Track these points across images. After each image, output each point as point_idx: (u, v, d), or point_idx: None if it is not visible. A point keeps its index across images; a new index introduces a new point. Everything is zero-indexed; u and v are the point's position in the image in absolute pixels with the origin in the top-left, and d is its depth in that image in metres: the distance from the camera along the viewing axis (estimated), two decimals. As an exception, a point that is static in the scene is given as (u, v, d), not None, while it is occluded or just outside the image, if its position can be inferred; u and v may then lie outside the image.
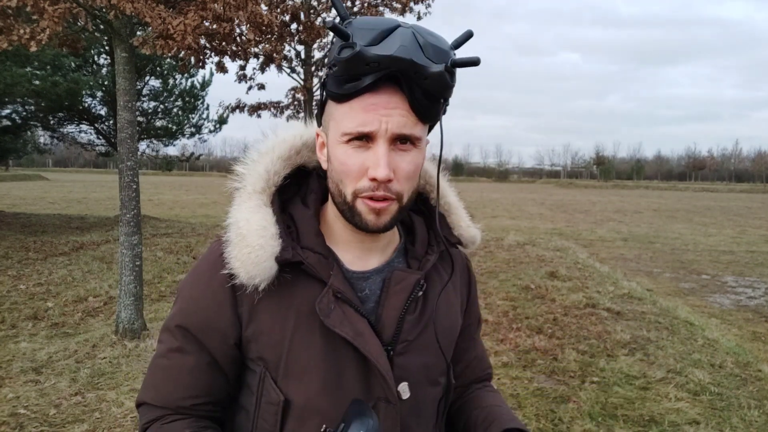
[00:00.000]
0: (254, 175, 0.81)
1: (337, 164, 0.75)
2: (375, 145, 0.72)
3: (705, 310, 6.47)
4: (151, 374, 0.84)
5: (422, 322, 0.83)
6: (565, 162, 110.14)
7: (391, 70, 0.69)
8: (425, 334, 0.83)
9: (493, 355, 4.26)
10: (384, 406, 0.79)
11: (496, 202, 27.07)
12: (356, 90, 0.70)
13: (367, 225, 0.76)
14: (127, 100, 4.32)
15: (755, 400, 3.53)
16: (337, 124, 0.75)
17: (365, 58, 0.67)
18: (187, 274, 0.85)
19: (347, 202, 0.76)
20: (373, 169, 0.72)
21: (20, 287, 6.14)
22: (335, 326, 0.75)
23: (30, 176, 45.53)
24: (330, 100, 0.76)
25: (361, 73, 0.69)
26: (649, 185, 65.09)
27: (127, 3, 3.64)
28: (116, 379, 3.66)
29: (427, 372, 0.85)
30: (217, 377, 0.81)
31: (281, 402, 0.77)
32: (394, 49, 0.68)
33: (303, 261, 0.77)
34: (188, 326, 0.80)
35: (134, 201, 4.41)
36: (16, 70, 8.97)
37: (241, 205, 0.80)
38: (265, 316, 0.78)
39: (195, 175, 76.36)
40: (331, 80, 0.72)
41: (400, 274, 0.82)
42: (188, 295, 0.82)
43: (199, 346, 0.80)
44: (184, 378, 0.81)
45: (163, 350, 0.83)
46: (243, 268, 0.75)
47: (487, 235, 12.15)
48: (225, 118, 14.68)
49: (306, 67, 9.50)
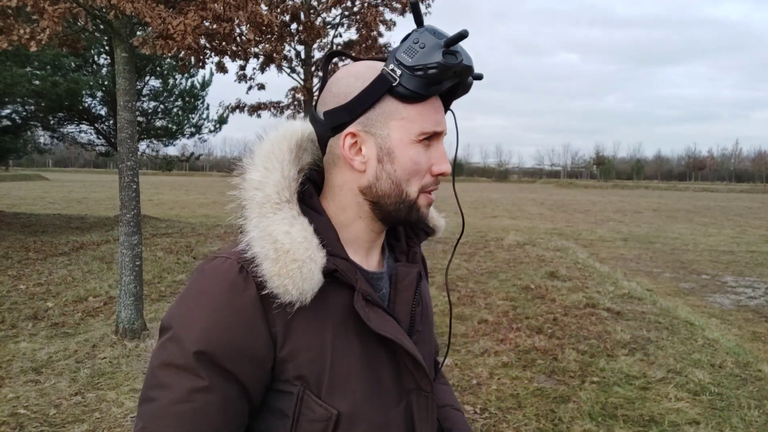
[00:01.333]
0: (274, 182, 0.76)
1: (409, 164, 0.77)
2: (437, 143, 0.79)
3: (705, 310, 6.47)
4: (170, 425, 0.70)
5: (424, 312, 0.88)
6: (565, 162, 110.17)
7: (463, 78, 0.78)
8: (426, 323, 0.89)
9: (493, 355, 4.26)
10: (416, 396, 0.81)
11: (496, 202, 27.07)
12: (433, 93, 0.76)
13: (422, 216, 0.82)
14: (127, 100, 4.32)
15: (755, 400, 3.53)
16: (409, 124, 0.76)
17: (459, 66, 0.74)
18: (187, 303, 0.74)
19: (411, 199, 0.79)
20: (442, 165, 0.79)
21: (20, 287, 6.14)
22: (380, 328, 0.75)
23: (30, 176, 45.53)
24: (395, 100, 0.75)
25: (446, 78, 0.75)
26: (649, 185, 65.06)
27: (127, 3, 3.64)
28: (116, 379, 3.66)
29: (430, 359, 0.90)
30: (245, 409, 0.74)
31: (333, 416, 0.73)
32: (468, 59, 0.76)
33: (337, 269, 0.75)
34: (215, 358, 0.70)
35: (134, 201, 4.41)
36: (16, 70, 8.98)
37: (270, 216, 0.74)
38: (300, 332, 0.74)
39: (195, 175, 76.31)
40: (415, 81, 0.74)
41: (404, 269, 0.85)
42: (208, 323, 0.71)
43: (227, 377, 0.71)
44: (213, 417, 0.70)
45: (181, 394, 0.69)
46: (292, 285, 0.70)
47: (487, 235, 12.15)
48: (225, 118, 14.70)
49: (306, 67, 9.51)
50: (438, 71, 0.73)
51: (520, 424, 3.17)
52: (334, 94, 0.78)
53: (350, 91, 0.76)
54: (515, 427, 3.14)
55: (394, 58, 0.74)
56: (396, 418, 0.79)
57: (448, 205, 1.08)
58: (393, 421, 0.79)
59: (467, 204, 24.86)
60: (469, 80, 0.80)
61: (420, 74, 0.73)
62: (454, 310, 5.57)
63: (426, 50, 0.73)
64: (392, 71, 0.74)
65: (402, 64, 0.73)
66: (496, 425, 3.16)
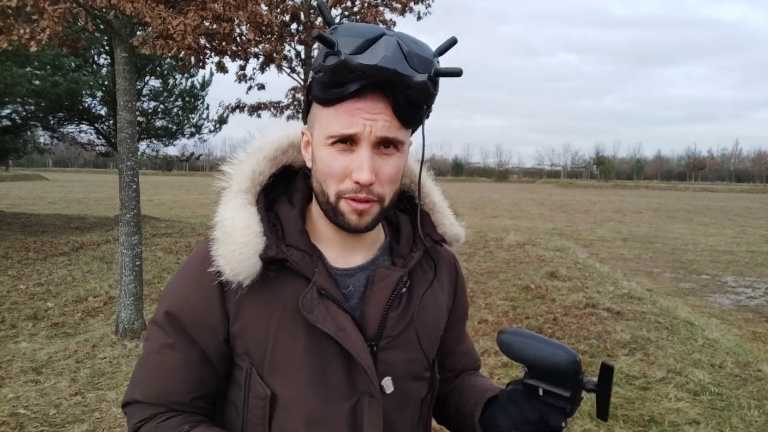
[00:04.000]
0: (240, 174, 0.83)
1: (321, 165, 0.77)
2: (359, 148, 0.74)
3: (705, 310, 6.47)
4: (142, 371, 0.85)
5: (406, 318, 0.85)
6: (565, 162, 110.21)
7: (375, 79, 0.70)
8: (409, 329, 0.85)
9: (493, 355, 4.26)
10: (367, 400, 0.81)
11: (496, 202, 27.07)
12: (341, 96, 0.72)
13: (349, 225, 0.78)
14: (127, 100, 4.32)
15: (755, 400, 3.53)
16: (321, 127, 0.76)
17: (350, 66, 0.69)
18: (177, 271, 0.87)
19: (330, 202, 0.78)
20: (357, 173, 0.74)
21: (20, 287, 6.14)
22: (318, 321, 0.77)
23: (30, 176, 45.53)
24: (315, 103, 0.78)
25: (346, 81, 0.70)
26: (649, 185, 65.07)
27: (127, 3, 3.64)
28: (116, 379, 3.66)
29: (410, 367, 0.87)
30: (207, 372, 0.83)
31: (268, 396, 0.79)
32: (378, 58, 0.69)
33: (287, 258, 0.79)
34: (180, 321, 0.81)
35: (134, 201, 4.41)
36: (16, 70, 8.97)
37: (227, 203, 0.82)
38: (250, 312, 0.80)
39: (195, 175, 76.32)
40: (317, 84, 0.74)
41: (383, 271, 0.85)
42: (179, 291, 0.83)
43: (190, 341, 0.81)
44: (177, 373, 0.82)
45: (155, 346, 0.83)
46: (228, 265, 0.76)
47: (487, 235, 12.15)
48: (225, 118, 14.67)
49: (306, 67, 9.51)
50: (324, 74, 0.71)
51: (520, 424, 3.17)
52: None
53: None
54: (515, 427, 3.14)
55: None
56: (341, 415, 0.80)
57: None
58: (337, 417, 0.80)
59: (467, 204, 24.86)
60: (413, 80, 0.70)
61: (319, 77, 0.72)
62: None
63: (319, 53, 0.73)
64: (314, 75, 0.75)
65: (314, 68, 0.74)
66: (496, 425, 3.15)
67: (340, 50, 0.69)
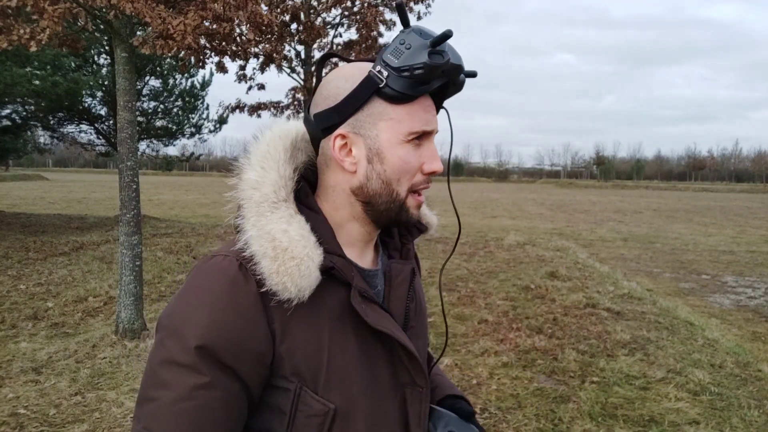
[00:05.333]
0: (271, 182, 0.77)
1: (399, 163, 0.78)
2: (428, 142, 0.80)
3: (705, 310, 6.47)
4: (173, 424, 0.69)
5: (419, 308, 0.90)
6: (565, 162, 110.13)
7: (452, 77, 0.77)
8: (420, 318, 0.90)
9: (493, 355, 4.26)
10: (410, 390, 0.83)
11: (496, 202, 27.07)
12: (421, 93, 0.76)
13: (411, 218, 0.82)
14: (127, 100, 4.32)
15: (755, 400, 3.53)
16: (397, 124, 0.77)
17: (446, 65, 0.74)
18: (186, 299, 0.74)
19: (400, 199, 0.80)
20: (432, 163, 0.79)
21: (20, 287, 6.14)
22: (377, 324, 0.77)
23: (30, 176, 45.53)
24: (382, 101, 0.76)
25: (434, 78, 0.75)
26: (649, 185, 65.08)
27: (127, 3, 3.64)
28: (116, 379, 3.66)
29: (423, 354, 0.91)
30: (245, 405, 0.75)
31: (331, 411, 0.75)
32: (458, 59, 0.76)
33: (334, 266, 0.76)
34: (217, 354, 0.70)
35: (134, 201, 4.41)
36: (16, 70, 8.97)
37: (267, 215, 0.75)
38: (298, 329, 0.74)
39: (195, 175, 76.31)
40: (401, 82, 0.74)
41: (398, 266, 0.87)
42: (209, 320, 0.71)
43: (229, 373, 0.71)
44: (220, 414, 0.71)
45: (184, 391, 0.69)
46: (291, 282, 0.71)
47: (487, 235, 12.15)
48: (225, 118, 14.68)
49: (306, 67, 9.50)
50: (424, 71, 0.73)
51: (520, 424, 3.17)
52: (324, 97, 0.79)
53: (339, 93, 0.77)
54: (515, 427, 3.14)
55: (381, 60, 0.75)
56: (392, 412, 0.81)
57: (447, 204, 1.08)
58: (389, 414, 0.81)
59: (467, 204, 24.86)
60: (460, 78, 0.80)
61: (406, 75, 0.73)
62: (454, 310, 5.57)
63: (412, 51, 0.74)
64: (379, 73, 0.74)
65: (388, 66, 0.74)
66: (496, 425, 3.16)
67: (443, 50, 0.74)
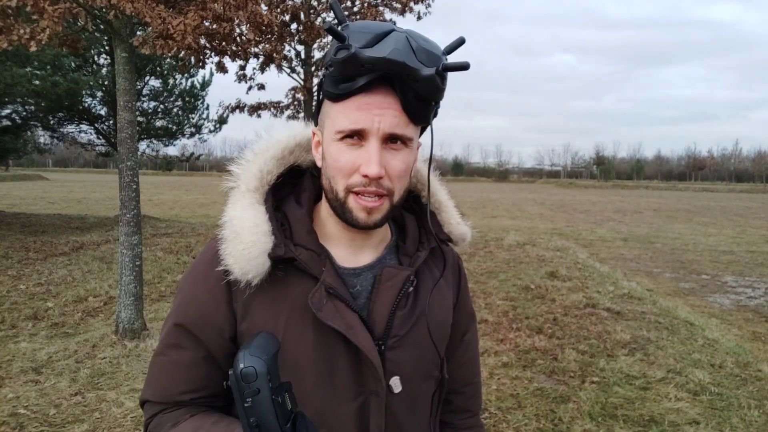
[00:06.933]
0: (248, 174, 0.84)
1: (330, 161, 0.78)
2: (367, 143, 0.75)
3: (705, 310, 6.47)
4: (150, 372, 0.87)
5: (413, 317, 0.85)
6: (565, 162, 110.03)
7: (385, 72, 0.71)
8: (417, 328, 0.86)
9: (493, 355, 4.26)
10: (374, 399, 0.81)
11: (496, 202, 27.06)
12: (351, 90, 0.73)
13: (357, 222, 0.78)
14: (127, 100, 4.32)
15: (755, 400, 3.53)
16: (331, 122, 0.77)
17: (360, 59, 0.70)
18: (186, 271, 0.88)
19: (339, 198, 0.78)
20: (366, 166, 0.74)
21: (20, 287, 6.14)
22: (327, 319, 0.78)
23: (30, 176, 45.51)
24: (326, 100, 0.79)
25: (356, 74, 0.72)
26: (649, 185, 65.05)
27: (127, 3, 3.63)
28: (116, 379, 3.66)
29: (419, 366, 0.87)
30: (213, 370, 0.83)
31: None
32: (387, 51, 0.70)
33: (296, 257, 0.79)
34: (185, 321, 0.83)
35: (134, 201, 4.40)
36: (16, 70, 8.96)
37: (236, 203, 0.82)
38: (258, 311, 0.80)
39: (195, 175, 76.26)
40: (328, 80, 0.75)
41: (391, 270, 0.85)
42: (186, 291, 0.85)
43: (195, 340, 0.82)
44: (181, 373, 0.83)
45: (162, 347, 0.86)
46: (237, 264, 0.77)
47: (487, 235, 12.15)
48: (225, 118, 14.67)
49: (306, 67, 9.50)
50: (335, 68, 0.72)
51: (520, 424, 3.17)
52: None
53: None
54: (515, 427, 3.14)
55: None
56: (348, 414, 0.81)
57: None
58: (344, 416, 0.81)
59: (467, 204, 24.85)
60: (422, 73, 0.71)
61: (330, 72, 0.74)
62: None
63: (331, 47, 0.75)
64: (325, 71, 0.76)
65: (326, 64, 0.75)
66: (496, 425, 3.15)
67: (350, 44, 0.70)
